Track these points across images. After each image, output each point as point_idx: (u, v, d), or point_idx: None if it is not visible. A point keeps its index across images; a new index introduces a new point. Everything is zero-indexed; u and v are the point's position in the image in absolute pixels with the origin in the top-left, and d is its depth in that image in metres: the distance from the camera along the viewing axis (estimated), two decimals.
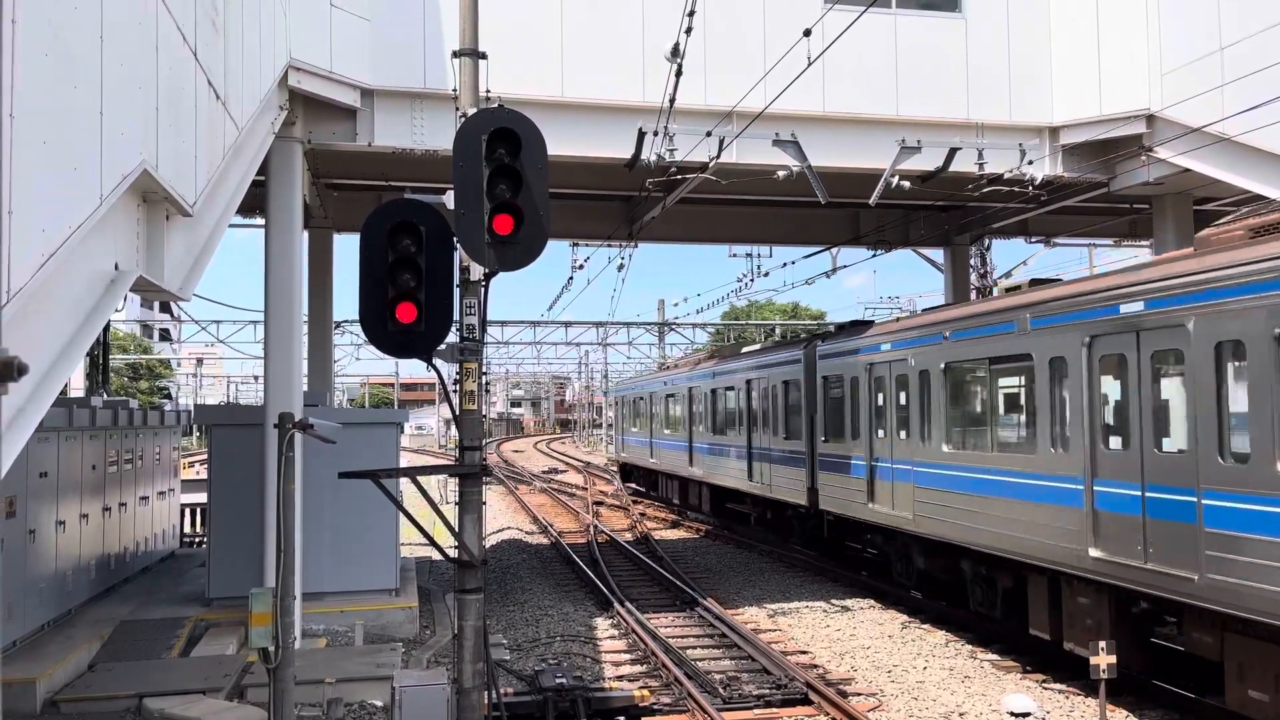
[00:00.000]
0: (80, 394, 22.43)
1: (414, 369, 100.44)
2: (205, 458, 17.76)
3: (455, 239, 6.77)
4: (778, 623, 14.17)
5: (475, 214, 6.47)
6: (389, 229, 6.76)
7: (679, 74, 11.41)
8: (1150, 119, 14.17)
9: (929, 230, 20.91)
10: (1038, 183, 14.85)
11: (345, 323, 42.73)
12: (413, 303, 6.69)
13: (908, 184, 14.32)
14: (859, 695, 10.56)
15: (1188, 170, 13.90)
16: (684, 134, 13.18)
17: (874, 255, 22.44)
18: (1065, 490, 10.32)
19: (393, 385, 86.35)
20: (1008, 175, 14.62)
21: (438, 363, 7.14)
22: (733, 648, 12.57)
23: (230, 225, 11.12)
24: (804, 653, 12.42)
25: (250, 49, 9.31)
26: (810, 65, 11.61)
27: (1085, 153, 14.96)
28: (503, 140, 6.53)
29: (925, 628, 13.68)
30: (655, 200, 16.38)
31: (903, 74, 14.32)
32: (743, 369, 21.60)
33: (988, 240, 23.93)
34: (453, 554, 7.18)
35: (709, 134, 13.14)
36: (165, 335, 78.13)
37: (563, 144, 12.65)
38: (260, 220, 15.49)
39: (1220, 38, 12.80)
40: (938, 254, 22.90)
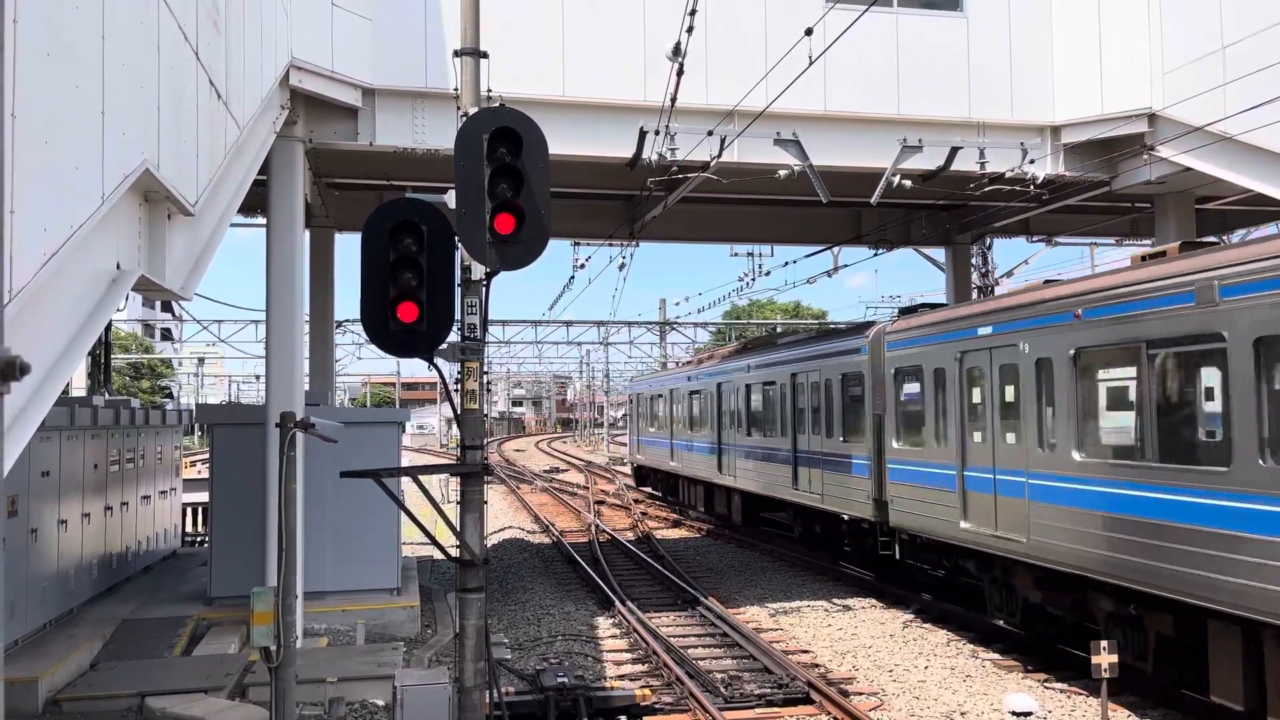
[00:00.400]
0: (82, 393, 22.47)
1: (415, 368, 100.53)
2: (207, 457, 17.77)
3: (456, 238, 6.78)
4: (779, 622, 14.17)
5: (476, 213, 6.48)
6: (390, 228, 6.77)
7: (680, 73, 11.41)
8: (1152, 118, 14.17)
9: (930, 229, 20.91)
10: (1039, 182, 14.86)
11: (347, 322, 42.80)
12: (414, 302, 6.69)
13: (909, 183, 14.33)
14: (860, 695, 10.56)
15: (1189, 169, 13.90)
16: (685, 133, 13.19)
17: (875, 254, 22.44)
18: None
19: (394, 384, 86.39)
20: (1009, 174, 14.62)
21: (439, 362, 7.15)
22: (734, 647, 12.57)
23: (232, 225, 11.14)
24: (805, 652, 12.43)
25: (251, 48, 9.32)
26: (811, 64, 11.62)
27: (1087, 152, 14.95)
28: (504, 139, 6.54)
29: (926, 627, 13.68)
30: (656, 199, 16.38)
31: (904, 73, 14.32)
32: (786, 361, 19.17)
33: (989, 239, 23.92)
34: (454, 553, 7.19)
35: (710, 133, 13.15)
36: (167, 334, 78.16)
37: (564, 143, 12.66)
38: (262, 220, 15.50)
39: (1222, 37, 12.80)
40: (939, 253, 22.91)
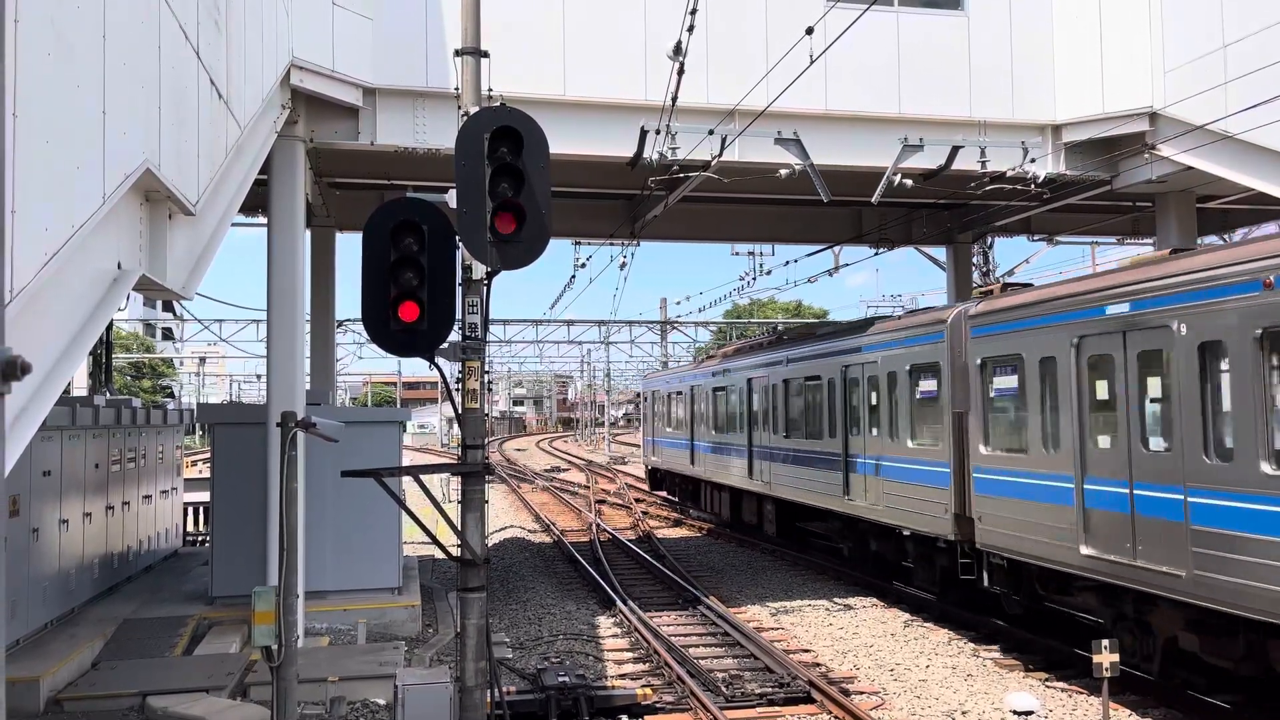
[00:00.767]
0: (83, 393, 22.47)
1: (416, 368, 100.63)
2: (208, 456, 17.77)
3: (457, 238, 6.78)
4: (780, 621, 14.17)
5: (477, 213, 6.48)
6: (391, 228, 6.77)
7: (681, 72, 11.41)
8: (1153, 117, 14.16)
9: (931, 228, 20.90)
10: (1040, 181, 14.84)
11: (348, 321, 42.86)
12: (415, 301, 6.70)
13: (910, 182, 14.32)
14: (861, 694, 10.56)
15: (1190, 168, 13.89)
16: (686, 132, 13.18)
17: (876, 254, 22.45)
18: None
19: (395, 384, 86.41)
20: (1010, 173, 14.61)
21: (440, 361, 7.15)
22: (735, 646, 12.57)
23: (233, 224, 11.14)
24: (806, 651, 12.42)
25: (252, 48, 9.32)
26: (812, 63, 11.61)
27: (1088, 151, 14.94)
28: (505, 139, 6.54)
29: (927, 626, 13.68)
30: (657, 199, 16.38)
31: (905, 72, 14.31)
32: (835, 353, 16.98)
33: (990, 238, 23.93)
34: (455, 552, 7.19)
35: (711, 132, 13.14)
36: (168, 334, 78.17)
37: (565, 142, 12.65)
38: (263, 219, 15.49)
39: (1223, 35, 12.79)
40: (940, 252, 22.91)
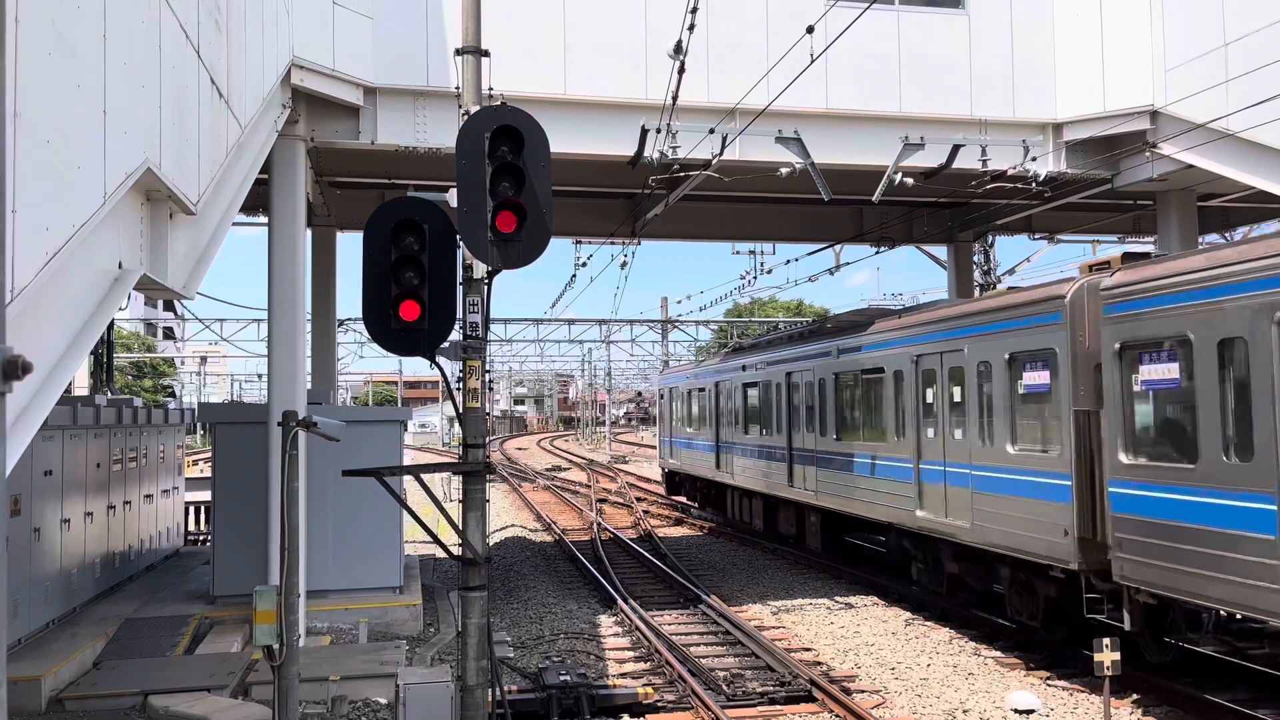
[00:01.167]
0: (84, 392, 22.49)
1: (418, 367, 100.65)
2: (209, 456, 17.77)
3: (458, 237, 6.78)
4: (781, 620, 14.17)
5: (478, 212, 6.48)
6: (392, 227, 6.77)
7: (682, 71, 11.40)
8: (1154, 115, 14.15)
9: (932, 227, 20.90)
10: (1041, 179, 14.83)
11: (349, 320, 42.87)
12: (416, 300, 6.70)
13: (911, 181, 14.31)
14: (863, 692, 10.56)
15: (1191, 166, 13.88)
16: (687, 131, 13.18)
17: (877, 252, 22.44)
18: None
19: (396, 383, 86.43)
20: (1011, 172, 14.60)
21: (441, 360, 7.15)
22: (736, 645, 12.57)
23: (234, 224, 11.15)
24: (808, 650, 12.42)
25: (253, 47, 9.32)
26: (813, 62, 11.59)
27: (1089, 149, 14.93)
28: (505, 138, 6.54)
29: (929, 625, 13.67)
30: (658, 197, 16.37)
31: (906, 70, 14.30)
32: (902, 341, 14.31)
33: (991, 237, 23.88)
34: (456, 551, 7.19)
35: (712, 131, 13.13)
36: (169, 333, 78.19)
37: (565, 141, 12.65)
38: (263, 219, 15.49)
39: (1224, 33, 12.78)
40: (941, 251, 22.91)
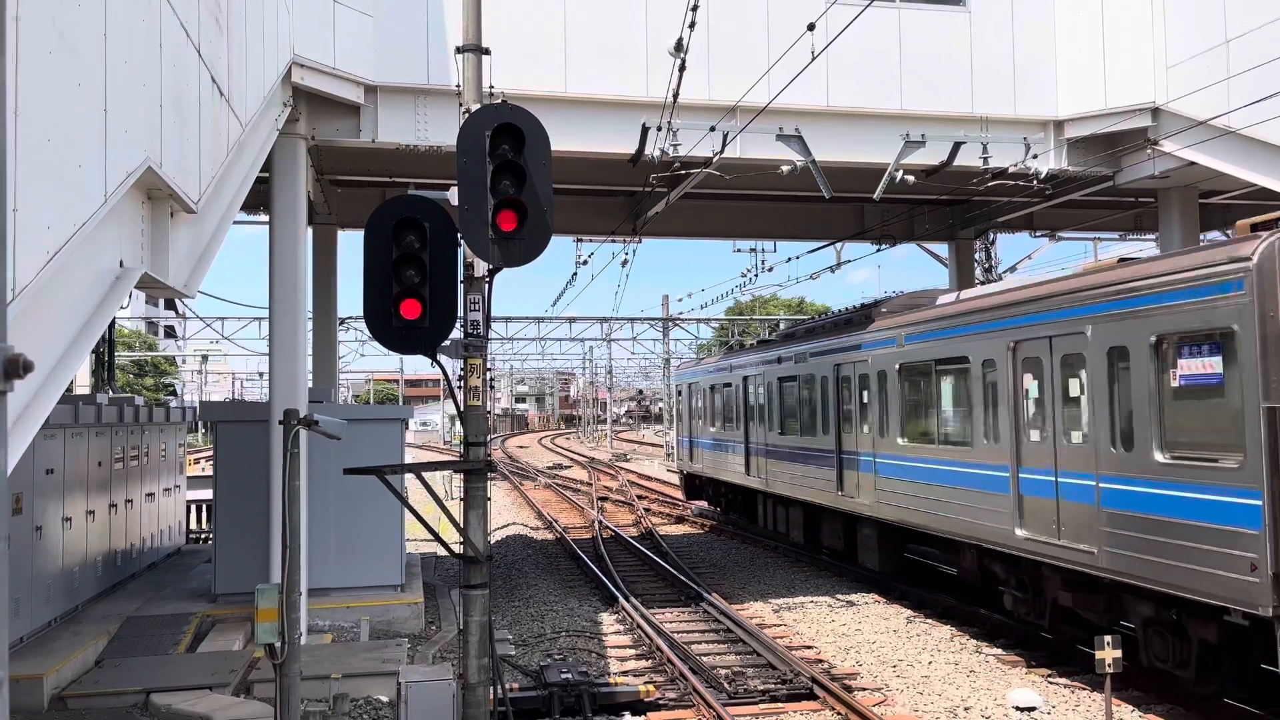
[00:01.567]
0: (86, 391, 22.51)
1: (419, 365, 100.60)
2: (211, 454, 17.77)
3: (459, 235, 6.78)
4: (783, 618, 14.17)
5: (479, 210, 6.48)
6: (393, 225, 6.78)
7: (682, 69, 11.39)
8: (1156, 112, 14.14)
9: (933, 224, 20.88)
10: (1042, 177, 14.82)
11: (350, 319, 42.88)
12: (417, 299, 6.70)
13: (912, 178, 14.30)
14: (864, 690, 10.56)
15: (1193, 163, 13.86)
16: (688, 129, 13.17)
17: (879, 250, 22.43)
18: None
19: (397, 381, 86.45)
20: (1012, 169, 14.59)
21: (442, 359, 7.15)
22: (738, 643, 12.57)
23: (234, 222, 11.15)
24: (809, 647, 12.43)
25: (254, 45, 9.32)
26: (814, 59, 11.58)
27: (1090, 146, 14.92)
28: (506, 136, 6.54)
29: (930, 622, 13.67)
30: (659, 195, 16.36)
31: (907, 68, 14.29)
32: (998, 324, 11.78)
33: (992, 234, 23.89)
34: (458, 549, 7.19)
35: (713, 129, 13.12)
36: (170, 332, 78.26)
37: (566, 139, 12.64)
38: (264, 217, 15.51)
39: (1225, 30, 12.77)
40: (942, 248, 22.90)
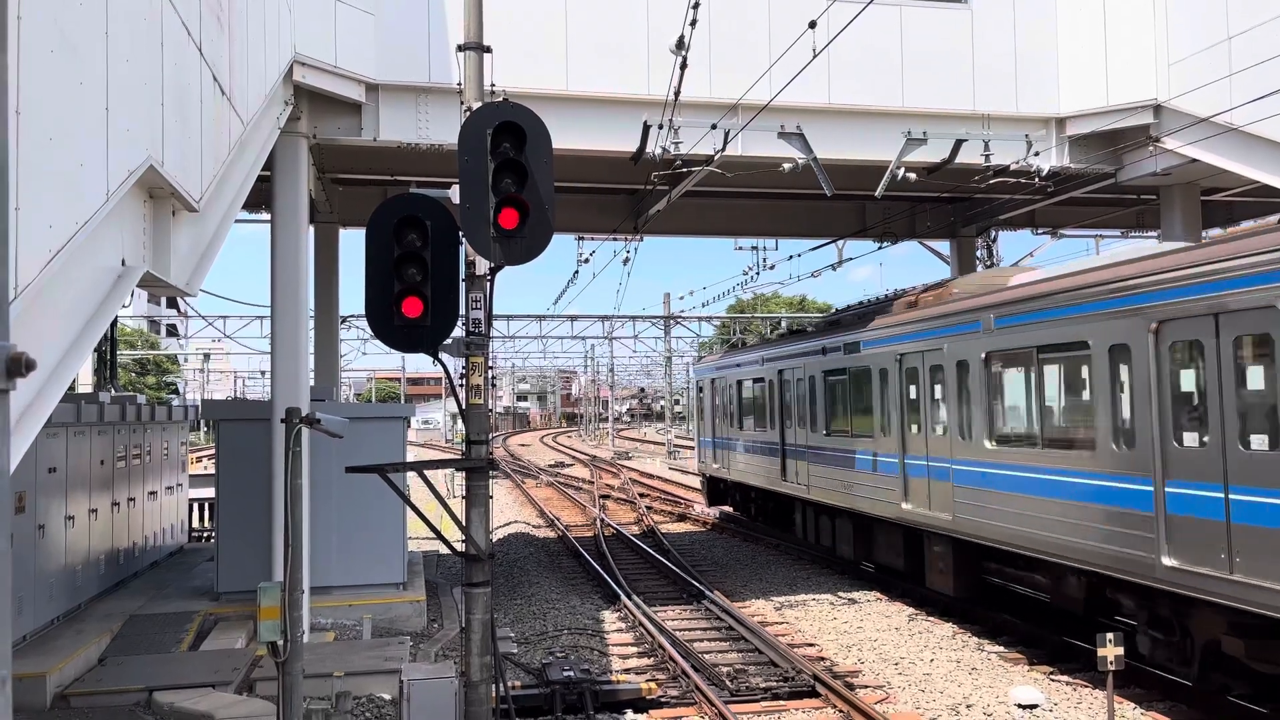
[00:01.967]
0: (88, 390, 22.52)
1: (421, 363, 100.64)
2: (213, 453, 17.78)
3: (461, 233, 6.78)
4: (784, 615, 14.18)
5: (481, 208, 6.48)
6: (395, 224, 6.78)
7: (684, 66, 11.39)
8: (1158, 109, 14.12)
9: (935, 222, 20.87)
10: (1044, 174, 14.79)
11: (351, 317, 42.88)
12: (419, 297, 6.71)
13: (914, 176, 14.27)
14: (866, 687, 10.56)
15: (1195, 161, 13.84)
16: (689, 127, 13.16)
17: (880, 247, 22.43)
18: None
19: (399, 380, 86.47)
20: (1014, 167, 14.56)
21: (444, 357, 7.15)
22: (740, 640, 12.58)
23: (236, 221, 11.15)
24: (811, 645, 12.43)
25: (255, 44, 9.32)
26: (815, 57, 11.56)
27: (1092, 144, 14.90)
28: (508, 134, 6.54)
29: (932, 620, 13.67)
30: (660, 193, 16.35)
31: (908, 65, 14.28)
32: (1136, 299, 9.22)
33: (994, 232, 23.85)
34: (460, 548, 7.20)
35: (714, 126, 13.11)
36: (172, 331, 78.28)
37: (568, 137, 12.63)
38: (266, 215, 15.52)
39: (1228, 27, 12.74)
40: (944, 246, 22.86)
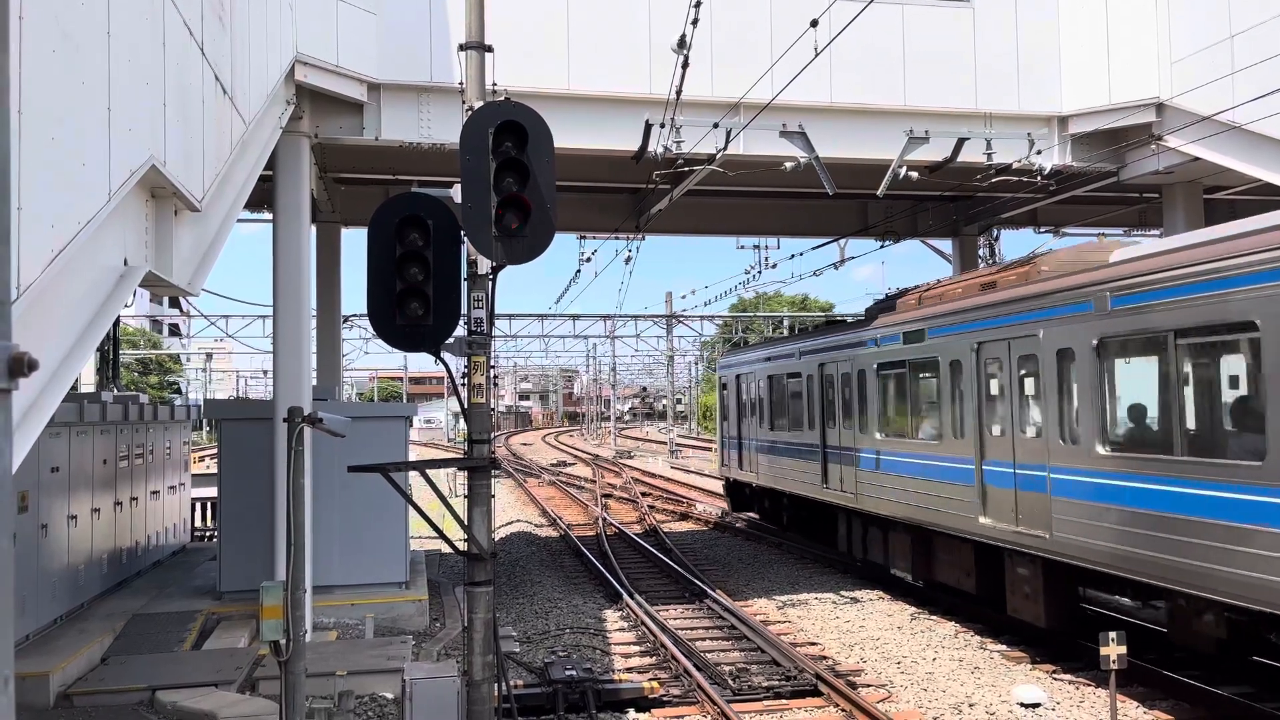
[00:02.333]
0: (91, 389, 22.54)
1: (423, 363, 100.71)
2: (215, 452, 17.80)
3: (462, 233, 6.78)
4: (787, 614, 14.17)
5: (482, 207, 6.47)
6: (397, 223, 6.78)
7: (685, 65, 11.38)
8: (1160, 107, 14.10)
9: (937, 221, 20.85)
10: (1046, 172, 14.77)
11: (354, 317, 42.89)
12: (421, 296, 6.70)
13: (916, 174, 14.25)
14: (869, 686, 10.56)
15: (1197, 159, 13.83)
16: (691, 126, 13.15)
17: (882, 246, 22.42)
18: None
19: (401, 379, 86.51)
20: (1016, 165, 14.55)
21: (446, 356, 7.15)
22: (742, 639, 12.58)
23: (238, 220, 11.15)
24: (813, 644, 12.43)
25: (257, 44, 9.32)
26: (817, 56, 11.55)
27: (1094, 142, 14.89)
28: (509, 133, 6.53)
29: (934, 619, 13.67)
30: (662, 192, 16.34)
31: (910, 64, 14.26)
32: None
33: (996, 230, 23.82)
34: (462, 547, 7.20)
35: (716, 125, 13.10)
36: (175, 330, 78.33)
37: (569, 136, 12.63)
38: (268, 215, 15.52)
39: (1230, 25, 12.72)
40: (946, 245, 22.85)
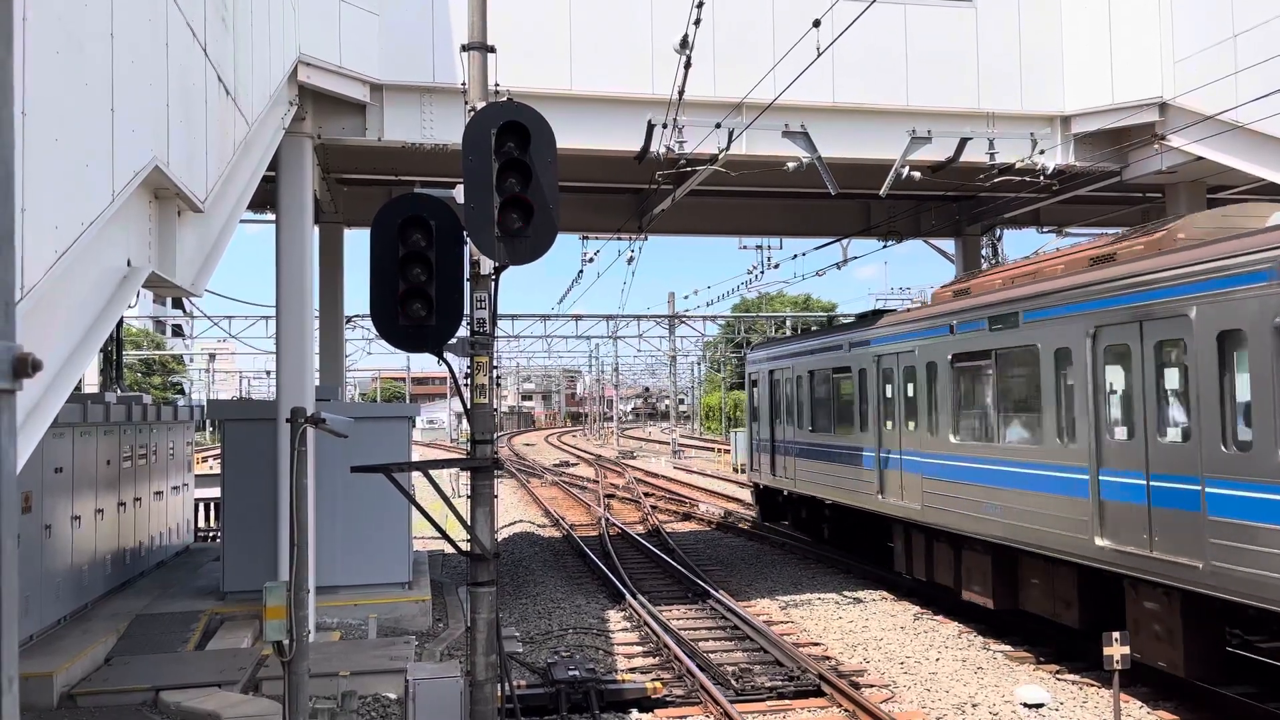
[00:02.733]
0: (94, 390, 22.57)
1: (425, 363, 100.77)
2: (218, 452, 17.82)
3: (465, 233, 6.78)
4: (790, 614, 14.17)
5: (485, 208, 6.48)
6: (399, 223, 6.79)
7: (688, 65, 11.37)
8: (1163, 107, 14.07)
9: (940, 221, 20.84)
10: (1049, 172, 14.76)
11: (356, 317, 42.92)
12: (423, 297, 6.71)
13: (918, 174, 14.25)
14: (872, 687, 10.56)
15: (1201, 158, 13.80)
16: (693, 126, 13.15)
17: (885, 246, 22.39)
18: None
19: (404, 379, 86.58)
20: (1019, 165, 14.53)
21: (449, 357, 7.16)
22: (745, 639, 12.58)
23: (241, 221, 11.16)
24: (816, 644, 12.42)
25: (259, 44, 9.33)
26: (820, 56, 11.55)
27: (1097, 141, 14.87)
28: (512, 134, 6.54)
29: (938, 619, 13.66)
30: (665, 192, 16.33)
31: (913, 64, 14.25)
32: None
33: (999, 230, 23.81)
34: (465, 547, 7.21)
35: (718, 125, 13.10)
36: (178, 331, 78.39)
37: (572, 137, 12.62)
38: (271, 215, 15.51)
39: (1233, 24, 12.70)
40: (949, 244, 22.83)
